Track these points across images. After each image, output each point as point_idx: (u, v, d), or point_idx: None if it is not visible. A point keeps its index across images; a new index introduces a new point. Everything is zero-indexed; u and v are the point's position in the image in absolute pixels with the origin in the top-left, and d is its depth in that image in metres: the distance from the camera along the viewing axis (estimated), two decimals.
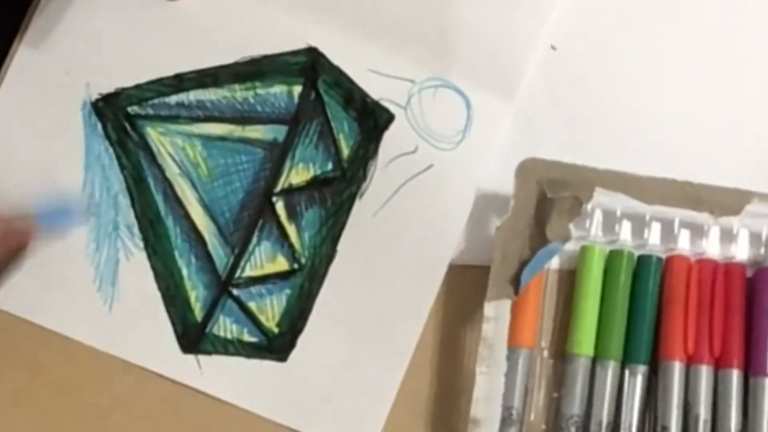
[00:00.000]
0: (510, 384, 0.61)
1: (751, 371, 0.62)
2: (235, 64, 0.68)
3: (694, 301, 0.63)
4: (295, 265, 0.66)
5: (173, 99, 0.67)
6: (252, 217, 0.66)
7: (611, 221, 0.64)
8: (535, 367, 0.64)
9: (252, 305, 0.66)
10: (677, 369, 0.62)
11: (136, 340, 0.65)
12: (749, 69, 0.68)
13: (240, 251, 0.66)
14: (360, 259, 0.66)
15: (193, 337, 0.65)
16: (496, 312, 0.61)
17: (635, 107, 0.67)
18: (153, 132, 0.67)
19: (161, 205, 0.67)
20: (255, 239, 0.66)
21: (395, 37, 0.68)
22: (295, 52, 0.68)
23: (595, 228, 0.64)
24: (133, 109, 0.67)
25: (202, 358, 0.65)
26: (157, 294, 0.65)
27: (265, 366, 0.65)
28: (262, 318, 0.65)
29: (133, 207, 0.66)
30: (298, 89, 0.68)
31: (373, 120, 0.67)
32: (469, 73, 0.67)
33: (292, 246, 0.66)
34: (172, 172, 0.67)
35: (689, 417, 0.62)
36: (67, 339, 0.65)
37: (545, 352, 0.64)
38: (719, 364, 0.62)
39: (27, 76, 0.67)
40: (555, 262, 0.65)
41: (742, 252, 0.64)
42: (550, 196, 0.63)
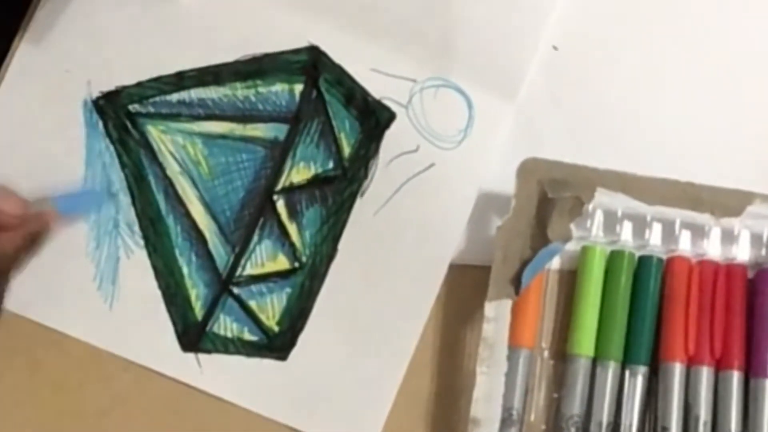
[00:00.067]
0: (510, 384, 0.61)
1: (751, 373, 0.62)
2: (236, 63, 0.68)
3: (694, 302, 0.63)
4: (296, 264, 0.66)
5: (174, 97, 0.67)
6: (253, 215, 0.66)
7: (612, 222, 0.64)
8: (536, 368, 0.64)
9: (252, 304, 0.66)
10: (678, 370, 0.62)
11: (136, 339, 0.65)
12: (751, 69, 0.68)
13: (241, 250, 0.66)
14: (361, 258, 0.66)
15: (194, 335, 0.65)
16: (497, 312, 0.61)
17: (637, 107, 0.67)
18: (154, 130, 0.67)
19: (162, 204, 0.66)
20: (256, 238, 0.66)
21: (397, 36, 0.68)
22: (297, 51, 0.68)
23: (596, 228, 0.64)
24: (134, 107, 0.67)
25: (203, 356, 0.65)
26: (158, 292, 0.65)
27: (265, 365, 0.65)
28: (263, 317, 0.65)
29: (134, 205, 0.66)
30: (299, 88, 0.67)
31: (374, 119, 0.67)
32: (470, 73, 0.67)
33: (292, 245, 0.66)
34: (173, 170, 0.67)
35: (689, 418, 0.62)
36: (67, 337, 0.65)
37: (546, 353, 0.64)
38: (720, 366, 0.62)
39: (28, 74, 0.67)
40: (556, 263, 0.65)
41: (743, 253, 0.64)
42: (551, 196, 0.62)
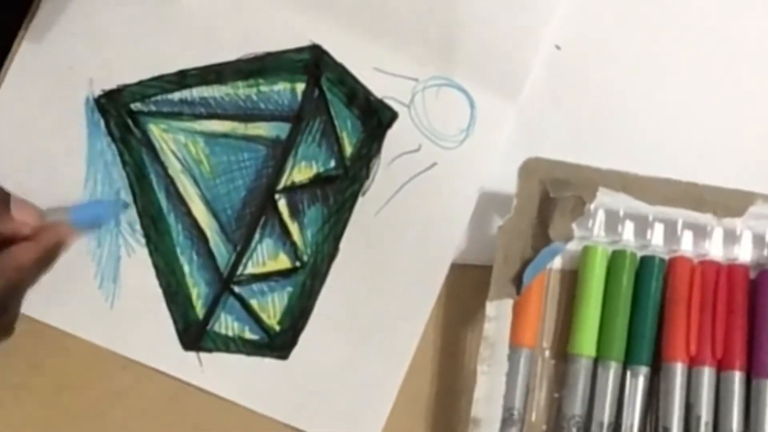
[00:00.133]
0: (511, 384, 0.61)
1: (753, 373, 0.62)
2: (238, 61, 0.68)
3: (696, 303, 0.63)
4: (297, 263, 0.66)
5: (176, 96, 0.67)
6: (254, 214, 0.66)
7: (614, 221, 0.64)
8: (537, 367, 0.64)
9: (253, 303, 0.66)
10: (679, 370, 0.62)
11: (137, 337, 0.65)
12: (753, 70, 0.68)
13: (242, 248, 0.66)
14: (362, 258, 0.66)
15: (194, 334, 0.65)
16: (498, 311, 0.61)
17: (639, 107, 0.67)
18: (156, 129, 0.67)
19: (163, 202, 0.66)
20: (257, 237, 0.66)
21: (399, 35, 0.67)
22: (299, 50, 0.68)
23: (598, 228, 0.64)
24: (136, 106, 0.67)
25: (203, 355, 0.65)
26: (159, 291, 0.65)
27: (265, 364, 0.65)
28: (264, 316, 0.65)
29: (135, 204, 0.66)
30: (301, 87, 0.67)
31: (376, 118, 0.67)
32: (473, 73, 0.67)
33: (294, 244, 0.66)
34: (175, 169, 0.67)
35: (691, 419, 0.61)
36: (67, 335, 0.65)
37: (547, 352, 0.64)
38: (721, 366, 0.62)
39: (30, 72, 0.67)
40: (557, 262, 0.65)
41: (745, 253, 0.64)
42: (552, 195, 0.62)
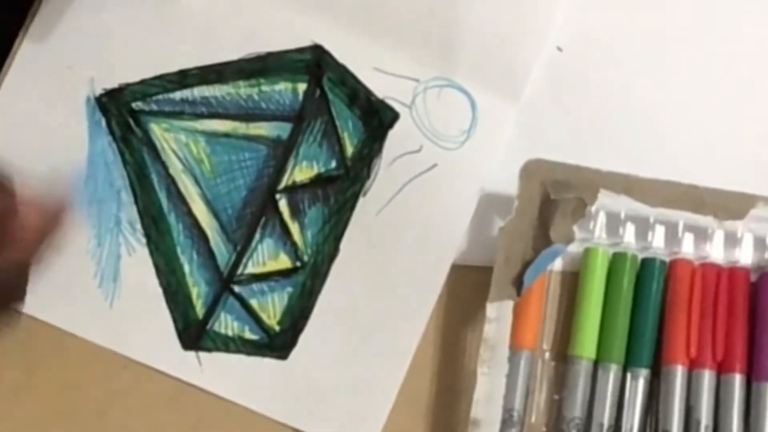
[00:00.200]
0: (511, 385, 0.61)
1: (753, 376, 0.62)
2: (239, 61, 0.67)
3: (697, 305, 0.62)
4: (298, 263, 0.66)
5: (177, 95, 0.67)
6: (255, 214, 0.66)
7: (615, 223, 0.64)
8: (537, 369, 0.64)
9: (253, 303, 0.66)
10: (679, 373, 0.62)
11: (136, 337, 0.65)
12: (755, 71, 0.68)
13: (242, 248, 0.66)
14: (362, 258, 0.66)
15: (194, 333, 0.65)
16: (498, 313, 0.61)
17: (640, 109, 0.67)
18: (157, 128, 0.67)
19: (164, 202, 0.66)
20: (257, 236, 0.66)
21: (401, 35, 0.67)
22: (301, 50, 0.68)
23: (599, 230, 0.64)
24: (137, 105, 0.67)
25: (203, 355, 0.65)
26: (159, 290, 0.65)
27: (265, 364, 0.65)
28: (264, 316, 0.65)
29: (136, 203, 0.66)
30: (302, 87, 0.67)
31: (377, 118, 0.67)
32: (474, 73, 0.67)
33: (294, 244, 0.66)
34: (176, 168, 0.67)
35: (691, 421, 0.61)
36: (67, 334, 0.65)
37: (547, 354, 0.64)
38: (722, 369, 0.62)
39: (31, 71, 0.67)
40: (558, 264, 0.65)
41: (746, 256, 0.64)
42: (553, 197, 0.62)
